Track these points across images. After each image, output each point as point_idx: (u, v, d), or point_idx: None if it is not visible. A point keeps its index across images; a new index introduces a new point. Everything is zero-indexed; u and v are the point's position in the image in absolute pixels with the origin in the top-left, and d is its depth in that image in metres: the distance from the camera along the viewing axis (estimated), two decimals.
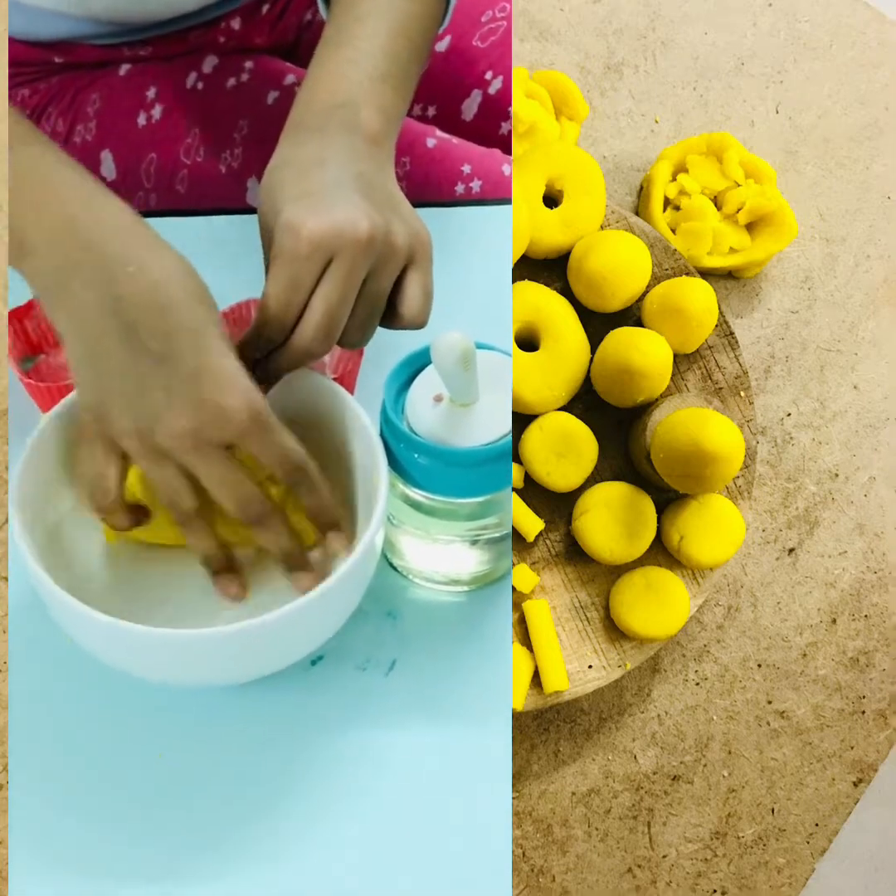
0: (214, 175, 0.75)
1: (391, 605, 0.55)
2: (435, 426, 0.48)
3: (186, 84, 0.76)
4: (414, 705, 0.51)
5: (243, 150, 0.74)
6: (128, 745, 0.51)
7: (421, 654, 0.53)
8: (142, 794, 0.50)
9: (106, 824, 0.49)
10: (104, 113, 0.76)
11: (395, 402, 0.49)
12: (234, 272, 0.62)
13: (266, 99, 0.75)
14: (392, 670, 0.52)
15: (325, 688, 0.52)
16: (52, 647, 0.54)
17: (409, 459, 0.48)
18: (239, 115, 0.75)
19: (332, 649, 0.53)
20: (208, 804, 0.49)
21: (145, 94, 0.76)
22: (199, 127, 0.75)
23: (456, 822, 0.49)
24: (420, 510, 0.51)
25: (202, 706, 0.51)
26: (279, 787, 0.49)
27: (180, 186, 0.76)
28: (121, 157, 0.77)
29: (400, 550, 0.54)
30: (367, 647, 0.53)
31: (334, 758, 0.50)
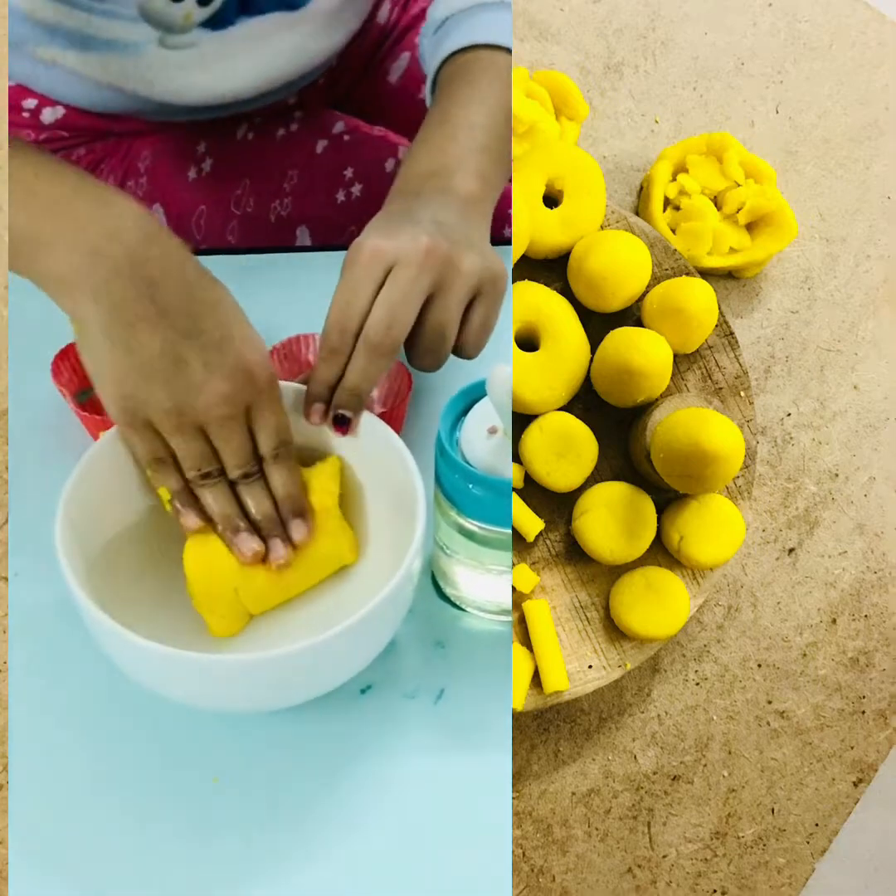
0: (264, 224, 0.76)
1: (440, 635, 0.55)
2: (489, 457, 0.49)
3: (237, 135, 0.77)
4: (461, 733, 0.52)
5: (293, 200, 0.75)
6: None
7: (469, 683, 0.54)
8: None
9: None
10: (155, 168, 0.77)
11: (450, 433, 0.51)
12: (285, 309, 0.64)
13: (316, 148, 0.76)
14: (440, 699, 0.53)
15: (374, 716, 0.52)
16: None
17: (464, 490, 0.49)
18: (288, 164, 0.75)
19: (381, 678, 0.53)
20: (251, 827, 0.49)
21: (196, 149, 0.77)
22: (249, 177, 0.76)
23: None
24: (473, 540, 0.52)
25: (253, 732, 0.52)
26: (327, 813, 0.50)
27: (231, 237, 0.77)
28: (172, 210, 0.77)
29: (453, 580, 0.55)
30: (416, 677, 0.54)
31: (380, 784, 0.50)
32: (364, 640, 0.48)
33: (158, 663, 0.45)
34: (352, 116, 0.79)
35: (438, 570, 0.56)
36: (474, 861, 0.48)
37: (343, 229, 0.75)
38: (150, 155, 0.77)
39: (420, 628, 0.55)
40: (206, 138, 0.77)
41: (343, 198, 0.75)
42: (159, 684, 0.47)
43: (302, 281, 0.59)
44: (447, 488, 0.50)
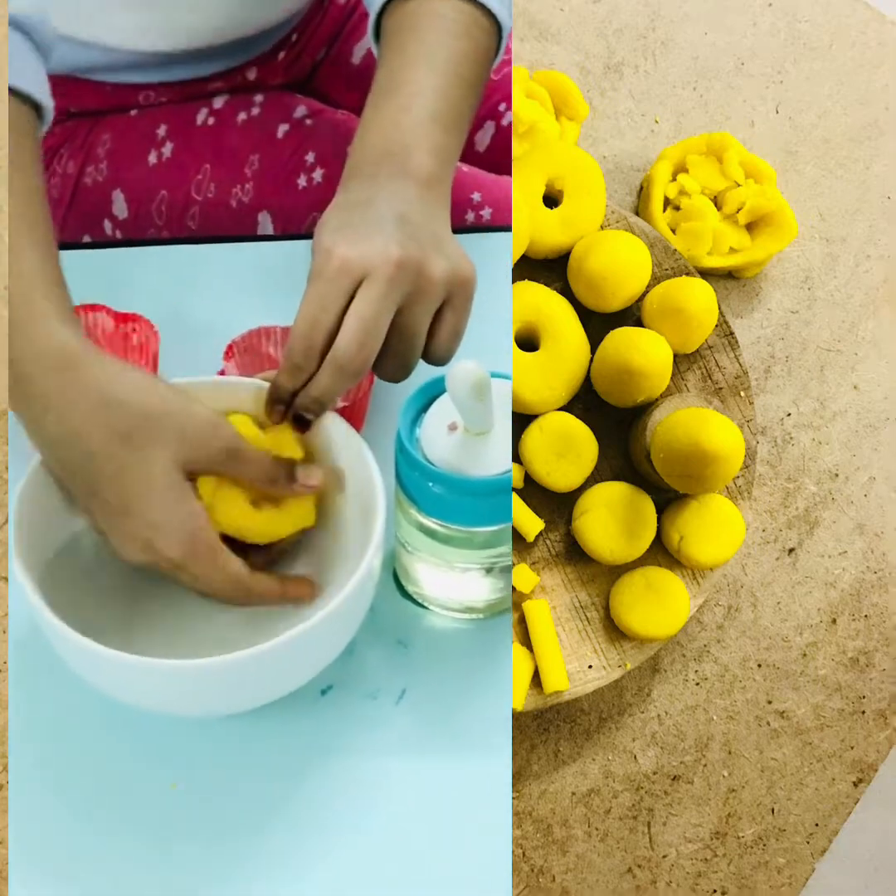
0: (226, 210, 0.75)
1: (402, 634, 0.54)
2: (450, 455, 0.48)
3: (197, 120, 0.76)
4: (423, 734, 0.51)
5: (254, 185, 0.74)
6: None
7: (431, 682, 0.53)
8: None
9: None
10: (115, 153, 0.77)
11: (409, 430, 0.49)
12: (246, 300, 0.63)
13: (277, 132, 0.75)
14: (402, 699, 0.52)
15: (335, 717, 0.51)
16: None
17: (424, 488, 0.48)
18: (250, 149, 0.75)
19: (342, 679, 0.52)
20: (215, 825, 0.49)
21: (155, 132, 0.76)
22: (210, 162, 0.75)
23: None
24: (435, 538, 0.51)
25: (210, 734, 0.51)
26: (289, 814, 0.49)
27: (191, 223, 0.76)
28: (132, 196, 0.77)
29: (415, 578, 0.54)
30: (378, 677, 0.53)
31: (343, 785, 0.50)
32: (325, 640, 0.47)
33: (117, 670, 0.45)
34: (314, 100, 0.78)
35: (400, 568, 0.55)
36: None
37: (305, 215, 0.74)
38: (110, 139, 0.77)
39: (381, 627, 0.54)
40: (166, 122, 0.76)
41: (305, 183, 0.74)
42: (119, 691, 0.47)
43: (263, 271, 0.57)
44: (407, 486, 0.49)
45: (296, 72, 0.82)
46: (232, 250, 0.71)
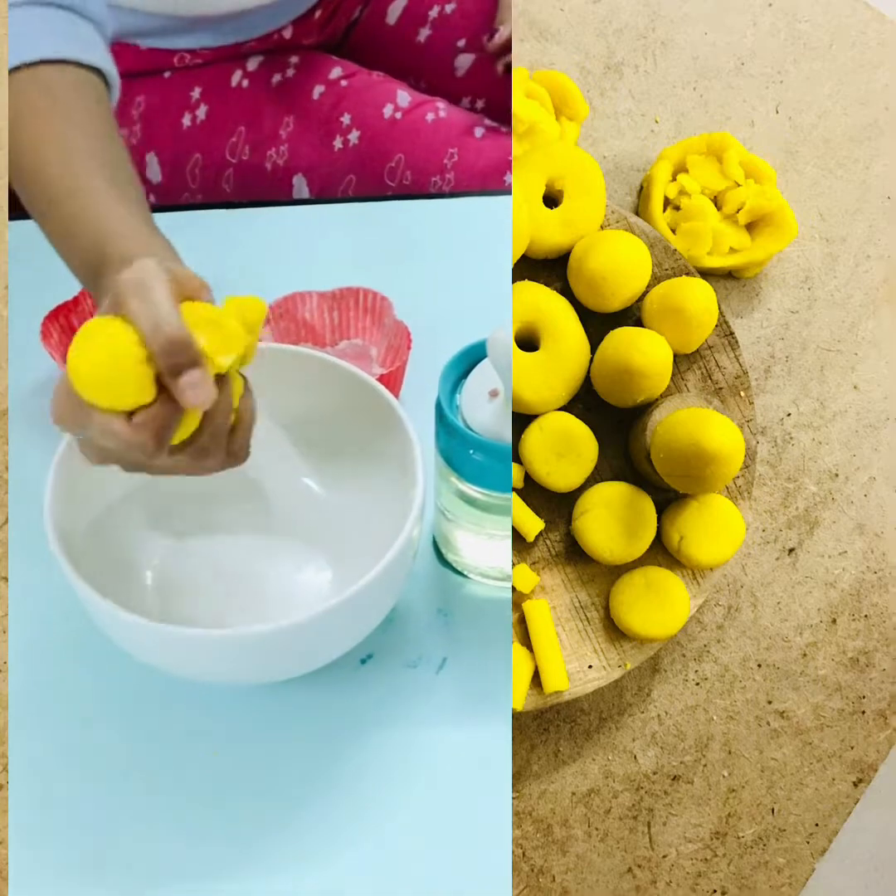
0: (260, 173, 0.75)
1: (442, 603, 0.54)
2: (490, 422, 0.47)
3: (231, 82, 0.76)
4: (464, 704, 0.50)
5: (289, 147, 0.74)
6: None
7: (472, 652, 0.52)
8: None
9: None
10: (149, 115, 0.76)
11: (449, 397, 0.48)
12: (282, 265, 0.62)
13: (312, 94, 0.74)
14: (442, 668, 0.52)
15: (374, 685, 0.51)
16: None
17: (465, 455, 0.47)
18: (284, 111, 0.74)
19: (382, 647, 0.52)
20: (252, 800, 0.49)
21: (189, 95, 0.76)
22: (245, 125, 0.75)
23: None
24: (475, 506, 0.49)
25: (254, 704, 0.51)
26: (326, 783, 0.49)
27: (226, 185, 0.76)
28: (166, 158, 0.76)
29: (455, 546, 0.53)
30: (418, 645, 0.52)
31: (380, 756, 0.49)
32: (366, 609, 0.47)
33: (158, 640, 0.44)
34: (349, 61, 0.78)
35: (440, 536, 0.54)
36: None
37: (341, 177, 0.74)
38: (144, 101, 0.76)
39: (422, 596, 0.53)
40: (200, 84, 0.76)
41: (340, 145, 0.74)
42: (160, 660, 0.47)
43: (298, 235, 0.56)
44: (447, 454, 0.48)
45: (330, 31, 0.81)
46: (266, 214, 0.70)
